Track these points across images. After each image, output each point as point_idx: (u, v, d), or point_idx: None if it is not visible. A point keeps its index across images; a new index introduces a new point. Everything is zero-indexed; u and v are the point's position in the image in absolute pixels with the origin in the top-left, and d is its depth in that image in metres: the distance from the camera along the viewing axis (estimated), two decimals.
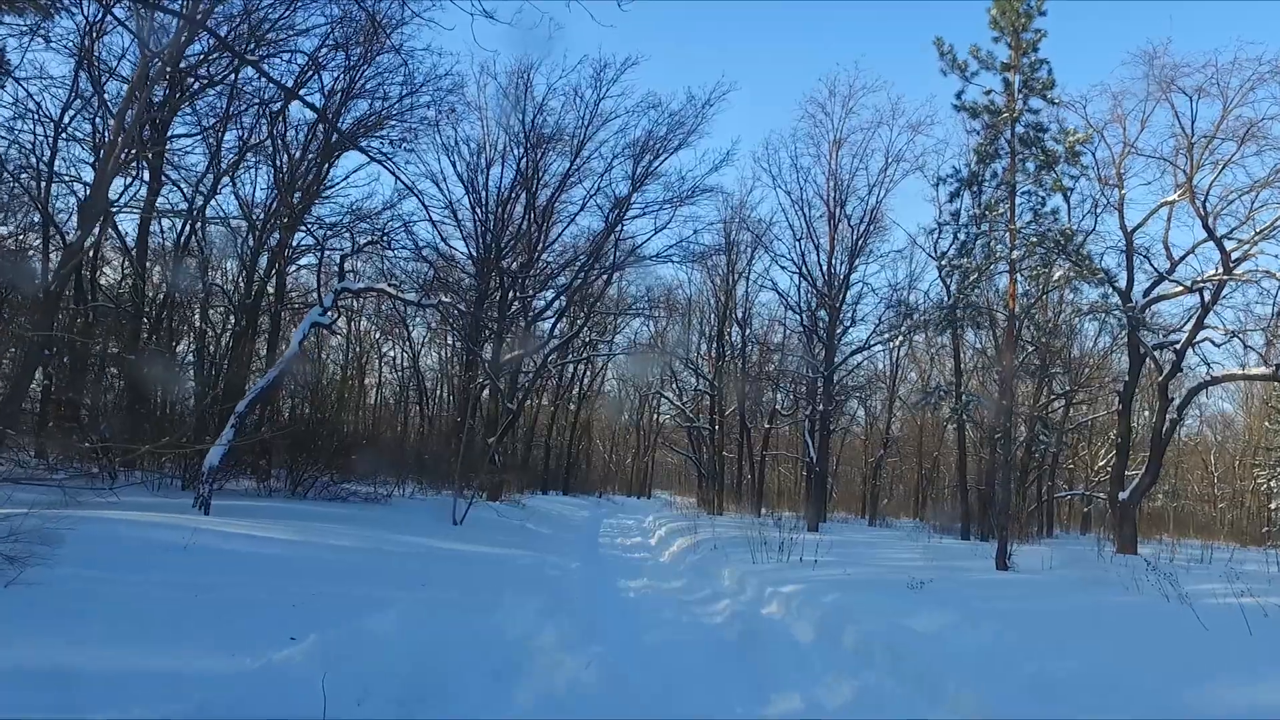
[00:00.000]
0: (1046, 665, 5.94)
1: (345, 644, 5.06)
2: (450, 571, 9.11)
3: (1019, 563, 15.60)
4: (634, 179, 26.31)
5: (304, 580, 7.09)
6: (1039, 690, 5.47)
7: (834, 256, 29.27)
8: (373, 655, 5.05)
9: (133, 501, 11.33)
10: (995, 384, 27.46)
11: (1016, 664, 6.08)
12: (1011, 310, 15.89)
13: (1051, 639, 7.01)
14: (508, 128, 26.24)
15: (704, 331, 43.65)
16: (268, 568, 7.37)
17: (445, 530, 13.93)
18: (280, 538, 9.39)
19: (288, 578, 7.07)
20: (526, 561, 10.88)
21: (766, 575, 11.77)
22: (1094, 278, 15.44)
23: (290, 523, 11.31)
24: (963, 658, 6.39)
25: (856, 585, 10.62)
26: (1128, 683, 5.47)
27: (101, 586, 5.86)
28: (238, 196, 20.97)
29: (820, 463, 29.33)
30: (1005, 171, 16.37)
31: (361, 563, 8.66)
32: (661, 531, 24.38)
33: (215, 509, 11.51)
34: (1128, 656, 6.28)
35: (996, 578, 12.91)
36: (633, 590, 10.39)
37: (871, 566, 13.26)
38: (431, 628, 5.97)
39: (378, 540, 10.77)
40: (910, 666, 6.27)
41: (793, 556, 13.58)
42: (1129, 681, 5.50)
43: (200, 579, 6.58)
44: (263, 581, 6.78)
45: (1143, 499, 25.66)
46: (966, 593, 10.32)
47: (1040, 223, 16.06)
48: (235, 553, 7.76)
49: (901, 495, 57.79)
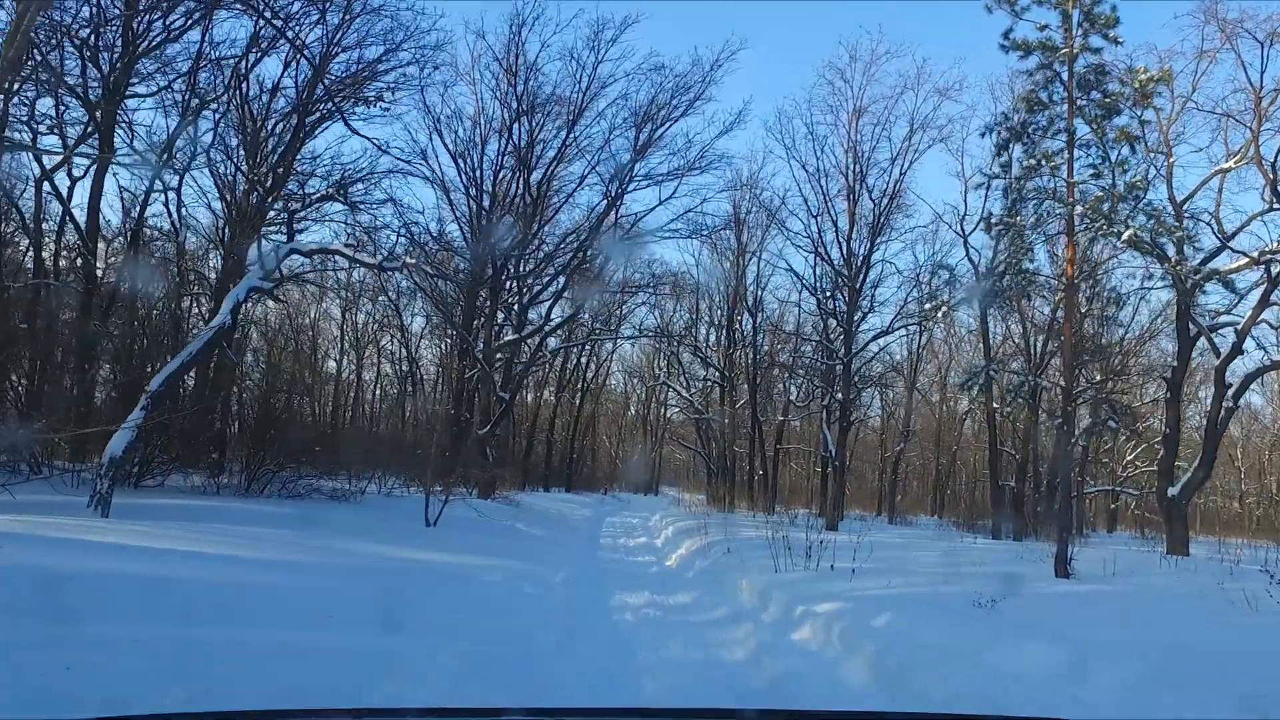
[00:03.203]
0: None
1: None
2: (385, 594, 7.02)
3: (1077, 568, 13.49)
4: (636, 147, 24.20)
5: (152, 618, 5.02)
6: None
7: (853, 234, 27.08)
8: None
9: (25, 501, 9.32)
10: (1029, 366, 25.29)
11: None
12: (1070, 278, 13.73)
13: (1228, 694, 4.89)
14: (499, 93, 24.19)
15: (713, 319, 41.47)
16: (110, 598, 5.30)
17: (415, 534, 11.87)
18: (178, 550, 7.34)
19: (127, 615, 5.00)
20: (498, 576, 8.77)
21: (794, 588, 9.67)
22: (1174, 235, 13.26)
23: (218, 528, 9.27)
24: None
25: (909, 603, 8.50)
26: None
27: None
28: (215, 173, 18.94)
29: (840, 456, 27.16)
30: (1061, 119, 14.25)
31: (263, 586, 6.59)
32: (669, 531, 22.31)
33: (127, 510, 9.49)
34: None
35: (1069, 590, 10.77)
36: (630, 612, 8.28)
37: (917, 575, 11.11)
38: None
39: (319, 550, 8.73)
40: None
41: (822, 563, 11.45)
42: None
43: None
44: (78, 621, 4.70)
45: (1195, 496, 23.46)
46: (1049, 614, 8.22)
47: (1103, 177, 13.91)
48: (77, 574, 5.70)
49: (916, 491, 55.56)
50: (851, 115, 27.42)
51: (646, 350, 52.05)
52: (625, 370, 56.53)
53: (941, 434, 48.92)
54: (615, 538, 21.45)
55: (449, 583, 7.87)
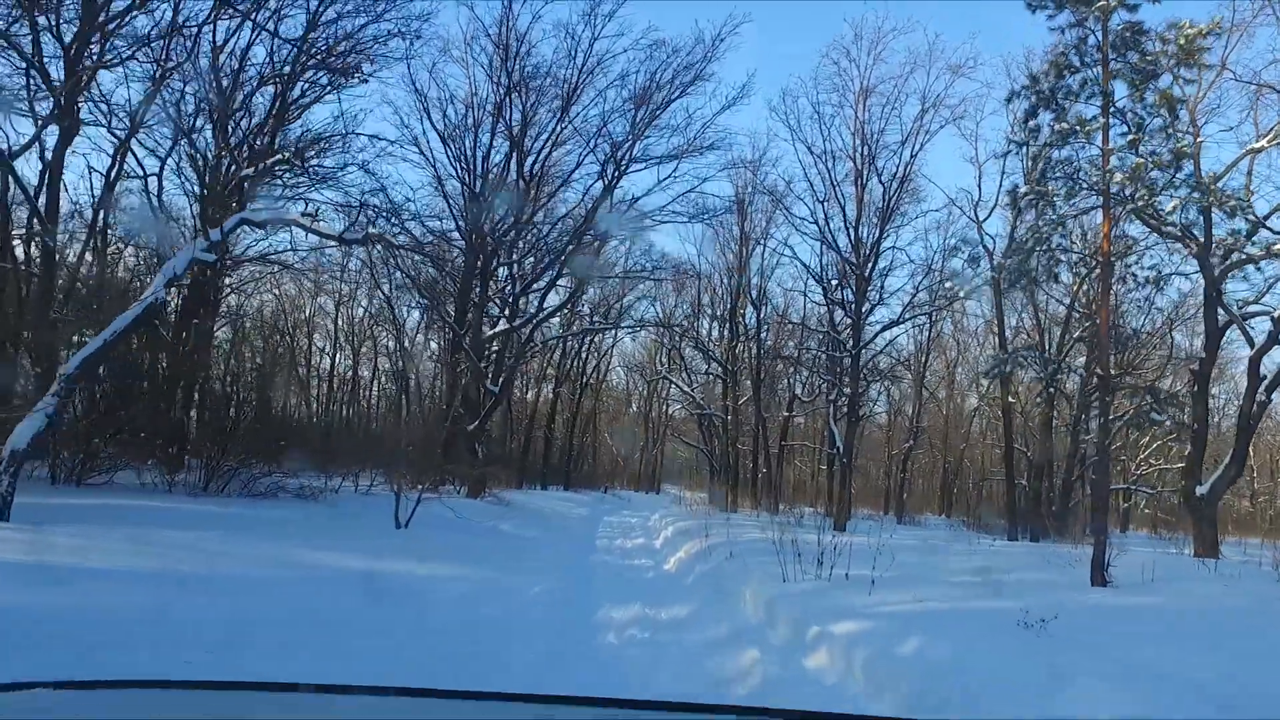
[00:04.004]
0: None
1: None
2: (294, 619, 5.78)
3: (1113, 575, 12.25)
4: (635, 126, 22.94)
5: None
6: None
7: (861, 220, 25.78)
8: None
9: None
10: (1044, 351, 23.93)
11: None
12: (1105, 254, 12.44)
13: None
14: (490, 70, 22.94)
15: (715, 312, 40.18)
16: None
17: (379, 537, 10.63)
18: (53, 564, 6.11)
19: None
20: (462, 589, 7.45)
21: (806, 601, 8.44)
22: (1227, 205, 11.98)
23: (137, 534, 8.06)
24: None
25: (941, 622, 7.25)
26: None
27: None
28: (194, 151, 17.64)
29: (848, 453, 25.88)
30: (1094, 83, 12.97)
31: (133, 609, 5.32)
32: (668, 532, 21.07)
33: (37, 512, 8.28)
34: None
35: (1115, 603, 9.49)
36: (615, 631, 7.00)
37: (943, 586, 9.86)
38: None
39: (247, 559, 7.50)
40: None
41: (835, 571, 10.20)
42: None
43: None
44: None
45: (1224, 494, 22.13)
46: (1105, 636, 6.97)
47: (1143, 144, 12.64)
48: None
49: (921, 489, 54.24)
50: (858, 96, 26.17)
51: (648, 345, 50.85)
52: (626, 365, 55.36)
53: (949, 431, 47.67)
54: (611, 539, 20.22)
55: (391, 600, 6.63)
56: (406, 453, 13.73)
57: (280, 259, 20.05)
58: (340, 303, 40.02)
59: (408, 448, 15.24)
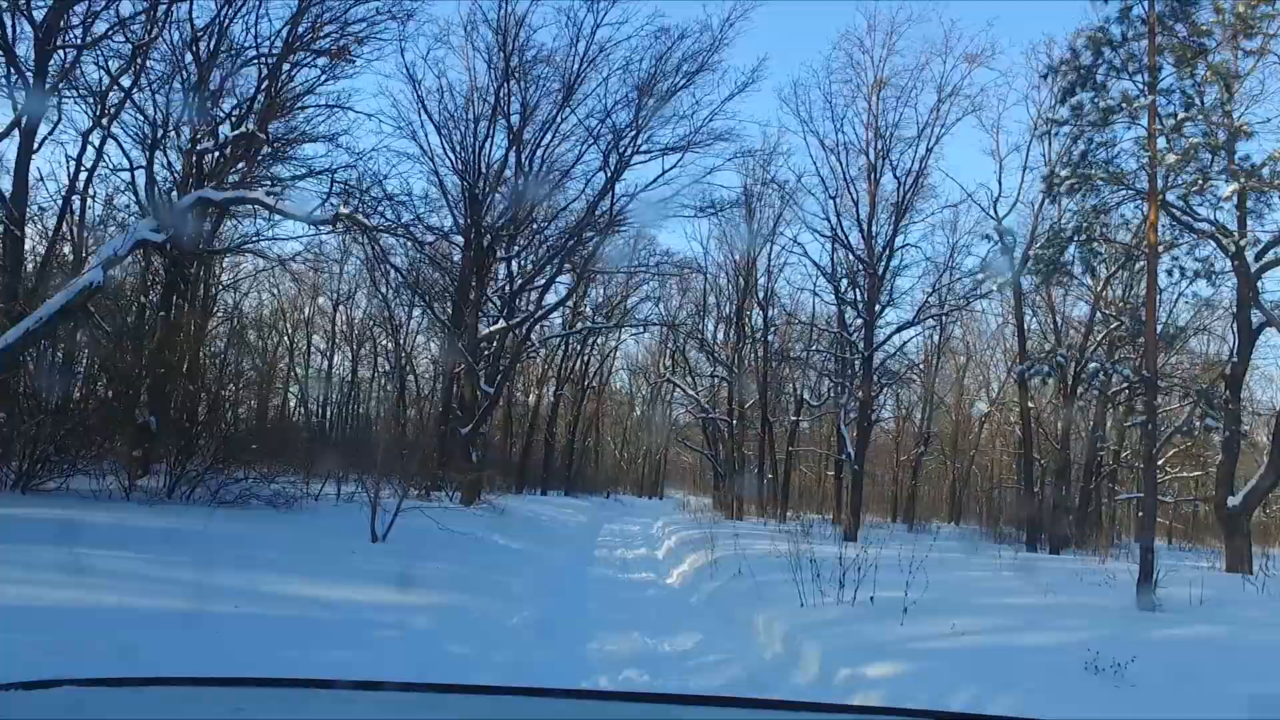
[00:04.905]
0: None
1: None
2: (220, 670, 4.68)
3: (1160, 596, 11.13)
4: (639, 115, 21.85)
5: None
6: None
7: (874, 216, 24.65)
8: None
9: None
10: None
11: None
12: (1152, 243, 11.33)
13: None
14: (489, 57, 21.88)
15: (721, 313, 39.06)
16: None
17: (351, 556, 9.49)
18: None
19: None
20: (421, 623, 6.19)
21: (830, 633, 7.34)
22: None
23: (71, 553, 6.95)
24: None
25: (994, 663, 6.14)
26: None
27: None
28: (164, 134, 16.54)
29: (859, 459, 24.75)
30: (1139, 59, 11.88)
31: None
32: (671, 542, 19.98)
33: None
34: None
35: (1184, 636, 8.31)
36: (606, 675, 5.86)
37: (985, 614, 8.71)
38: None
39: (193, 588, 6.41)
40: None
41: (860, 591, 9.08)
42: None
43: None
44: None
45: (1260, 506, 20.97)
46: (1196, 685, 5.85)
47: (1192, 124, 11.56)
48: None
49: (928, 496, 53.02)
50: (872, 87, 25.03)
51: (652, 348, 49.75)
52: (629, 368, 54.22)
53: (959, 437, 46.55)
54: (611, 549, 19.12)
55: (337, 640, 5.45)
56: (385, 457, 12.63)
57: (263, 253, 18.97)
58: (339, 302, 39.07)
59: (396, 452, 14.18)
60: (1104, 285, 24.32)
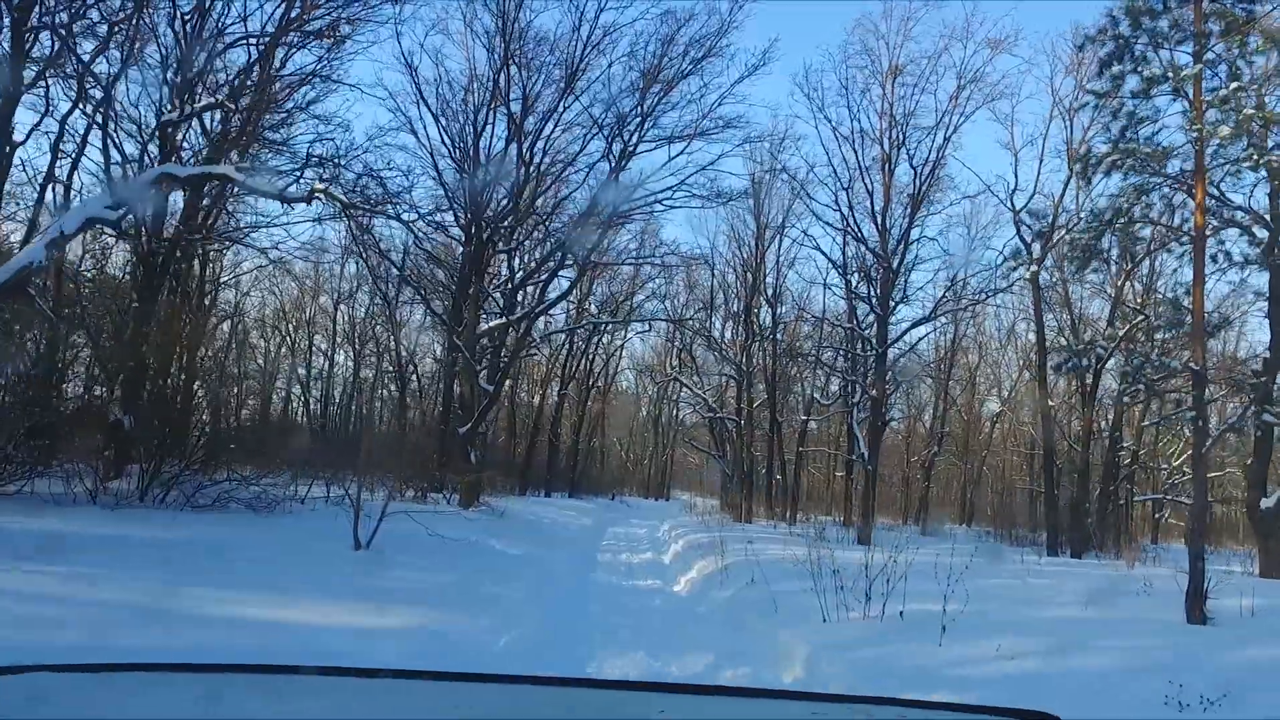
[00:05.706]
0: None
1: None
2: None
3: (1211, 610, 10.23)
4: (645, 102, 21.00)
5: None
6: None
7: (889, 208, 23.78)
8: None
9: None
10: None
11: None
12: (1199, 227, 10.45)
13: None
14: (487, 41, 21.08)
15: (729, 310, 38.20)
16: None
17: (330, 567, 8.67)
18: None
19: None
20: (398, 647, 5.40)
21: (858, 656, 6.49)
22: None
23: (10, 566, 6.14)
24: None
25: (1057, 696, 5.28)
26: None
27: None
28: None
29: (873, 460, 23.87)
30: (1184, 28, 11.02)
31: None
32: (678, 546, 19.14)
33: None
34: None
35: (1260, 658, 7.43)
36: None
37: (1030, 633, 7.77)
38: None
39: (140, 611, 5.59)
40: None
41: (889, 604, 8.21)
42: None
43: None
44: None
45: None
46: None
47: (1238, 99, 10.67)
48: None
49: (938, 497, 52.09)
50: (887, 74, 24.18)
51: (658, 347, 48.86)
52: (635, 367, 53.33)
53: (970, 438, 45.65)
54: (616, 553, 18.28)
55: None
56: (369, 457, 11.82)
57: (253, 244, 18.19)
58: (339, 301, 38.35)
59: (385, 452, 13.38)
60: (1126, 278, 23.46)
